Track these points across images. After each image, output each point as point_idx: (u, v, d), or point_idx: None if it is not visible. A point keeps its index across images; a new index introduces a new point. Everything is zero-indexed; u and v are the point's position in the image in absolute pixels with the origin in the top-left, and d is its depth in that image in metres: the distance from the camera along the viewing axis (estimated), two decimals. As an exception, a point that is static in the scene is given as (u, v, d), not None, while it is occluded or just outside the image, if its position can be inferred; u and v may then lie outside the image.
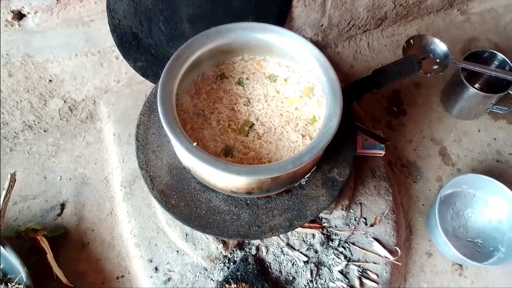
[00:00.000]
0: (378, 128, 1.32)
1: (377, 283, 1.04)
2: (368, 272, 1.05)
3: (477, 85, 1.28)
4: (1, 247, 0.94)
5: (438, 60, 1.21)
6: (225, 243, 1.02)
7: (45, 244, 1.03)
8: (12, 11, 1.00)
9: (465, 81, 1.25)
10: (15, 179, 1.01)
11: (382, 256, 1.07)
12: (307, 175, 0.92)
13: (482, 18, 1.58)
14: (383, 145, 1.11)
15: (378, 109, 1.39)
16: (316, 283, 1.02)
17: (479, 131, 1.37)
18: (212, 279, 1.02)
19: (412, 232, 1.21)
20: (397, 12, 1.47)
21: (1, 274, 0.96)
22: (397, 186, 1.24)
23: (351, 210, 1.11)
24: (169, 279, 1.02)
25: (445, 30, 1.55)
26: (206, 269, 1.03)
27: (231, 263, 1.03)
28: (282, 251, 1.06)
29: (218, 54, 0.91)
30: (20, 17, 1.02)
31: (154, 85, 1.05)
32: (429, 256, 1.18)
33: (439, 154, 1.33)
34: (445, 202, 1.22)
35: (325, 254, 1.06)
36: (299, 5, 1.22)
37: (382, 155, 1.15)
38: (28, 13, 1.01)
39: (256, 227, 0.87)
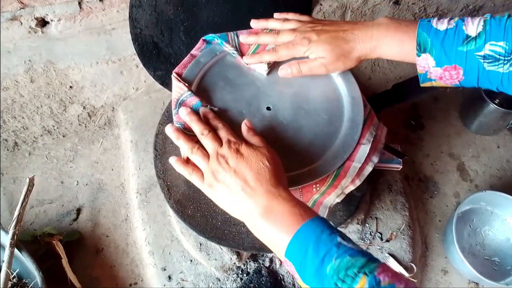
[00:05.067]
0: (395, 142, 1.30)
1: (391, 299, 1.03)
2: (383, 288, 1.04)
3: (497, 101, 1.26)
4: (18, 251, 0.95)
5: (458, 75, 1.20)
6: (239, 254, 1.02)
7: (60, 249, 1.04)
8: (36, 18, 1.01)
9: (485, 97, 1.24)
10: (34, 184, 1.02)
11: (397, 273, 1.05)
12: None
13: (503, 33, 1.56)
14: (401, 160, 1.10)
15: (395, 122, 1.38)
16: (329, 298, 1.01)
17: (498, 147, 1.35)
18: (225, 290, 1.02)
19: (428, 248, 1.19)
20: (417, 25, 1.47)
21: (16, 278, 0.97)
22: (413, 201, 1.23)
23: (367, 225, 1.10)
24: (182, 289, 1.02)
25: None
26: (219, 280, 1.02)
27: (244, 275, 1.03)
28: (296, 264, 1.05)
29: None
30: (43, 24, 1.04)
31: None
32: (444, 274, 1.17)
33: (457, 170, 1.31)
34: (462, 218, 1.20)
35: (340, 269, 1.05)
36: (318, 16, 1.22)
37: (399, 169, 1.13)
38: (52, 20, 1.03)
39: (272, 240, 0.86)
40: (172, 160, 0.71)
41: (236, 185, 0.63)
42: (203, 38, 0.87)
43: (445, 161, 1.32)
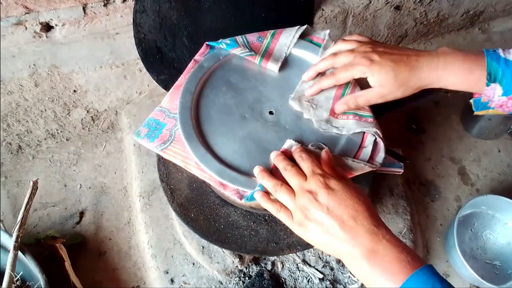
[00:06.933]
0: (397, 146, 1.30)
1: (393, 303, 1.03)
2: (384, 291, 1.04)
3: None
4: (22, 254, 0.95)
5: (459, 80, 1.21)
6: (241, 257, 1.02)
7: (63, 252, 1.05)
8: (41, 23, 1.02)
9: (486, 101, 1.24)
10: (37, 187, 1.02)
11: (398, 276, 1.05)
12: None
13: (504, 37, 1.57)
14: (402, 164, 1.11)
15: (396, 126, 1.38)
16: (331, 301, 1.02)
17: (499, 151, 1.36)
18: (227, 293, 1.02)
19: (429, 252, 1.19)
20: (418, 30, 1.48)
21: (20, 281, 0.97)
22: (414, 205, 1.23)
23: (368, 228, 1.10)
24: (184, 292, 1.02)
25: (466, 49, 1.55)
26: (222, 283, 1.03)
27: (247, 278, 1.03)
28: (297, 267, 1.05)
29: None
30: (48, 29, 1.05)
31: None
32: (446, 277, 1.16)
33: (458, 174, 1.32)
34: (463, 222, 1.21)
35: (341, 272, 1.05)
36: (320, 21, 1.23)
37: (401, 173, 1.14)
38: (56, 25, 1.04)
39: (274, 244, 0.87)
40: (258, 196, 0.68)
41: (333, 225, 0.59)
42: (206, 43, 0.88)
43: (446, 165, 1.33)
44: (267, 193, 0.68)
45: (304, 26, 0.88)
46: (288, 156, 0.71)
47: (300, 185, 0.63)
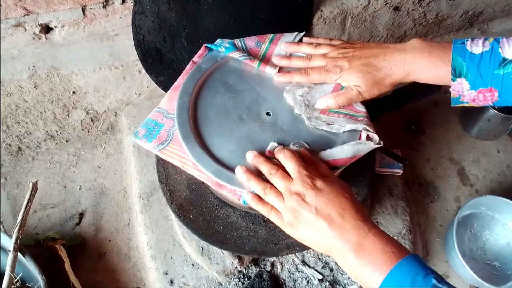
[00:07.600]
0: (396, 147, 1.31)
1: (392, 304, 1.03)
2: (384, 292, 1.04)
3: (496, 106, 1.27)
4: (21, 255, 0.95)
5: (458, 80, 1.21)
6: (240, 259, 1.03)
7: (63, 253, 1.05)
8: (40, 25, 1.02)
9: (485, 102, 1.24)
10: (37, 188, 1.03)
11: (398, 277, 1.05)
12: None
13: (503, 38, 1.57)
14: (401, 164, 1.11)
15: (396, 127, 1.38)
16: (330, 302, 1.02)
17: (499, 152, 1.36)
18: (226, 294, 1.02)
19: (428, 253, 1.19)
20: (417, 31, 1.48)
21: (20, 283, 0.97)
22: (414, 205, 1.23)
23: (368, 229, 1.10)
24: (184, 293, 1.02)
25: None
26: (221, 284, 1.03)
27: (246, 279, 1.03)
28: (297, 268, 1.05)
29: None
30: (47, 30, 1.05)
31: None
32: (445, 278, 1.16)
33: (458, 174, 1.32)
34: (463, 223, 1.21)
35: (341, 273, 1.05)
36: (319, 22, 1.23)
37: (400, 174, 1.14)
38: (56, 26, 1.04)
39: (273, 245, 0.87)
40: (248, 197, 0.69)
41: (322, 224, 0.61)
42: (205, 44, 0.88)
43: (445, 166, 1.33)
44: (257, 194, 0.69)
45: (303, 33, 0.89)
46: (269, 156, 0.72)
47: (287, 188, 0.65)
